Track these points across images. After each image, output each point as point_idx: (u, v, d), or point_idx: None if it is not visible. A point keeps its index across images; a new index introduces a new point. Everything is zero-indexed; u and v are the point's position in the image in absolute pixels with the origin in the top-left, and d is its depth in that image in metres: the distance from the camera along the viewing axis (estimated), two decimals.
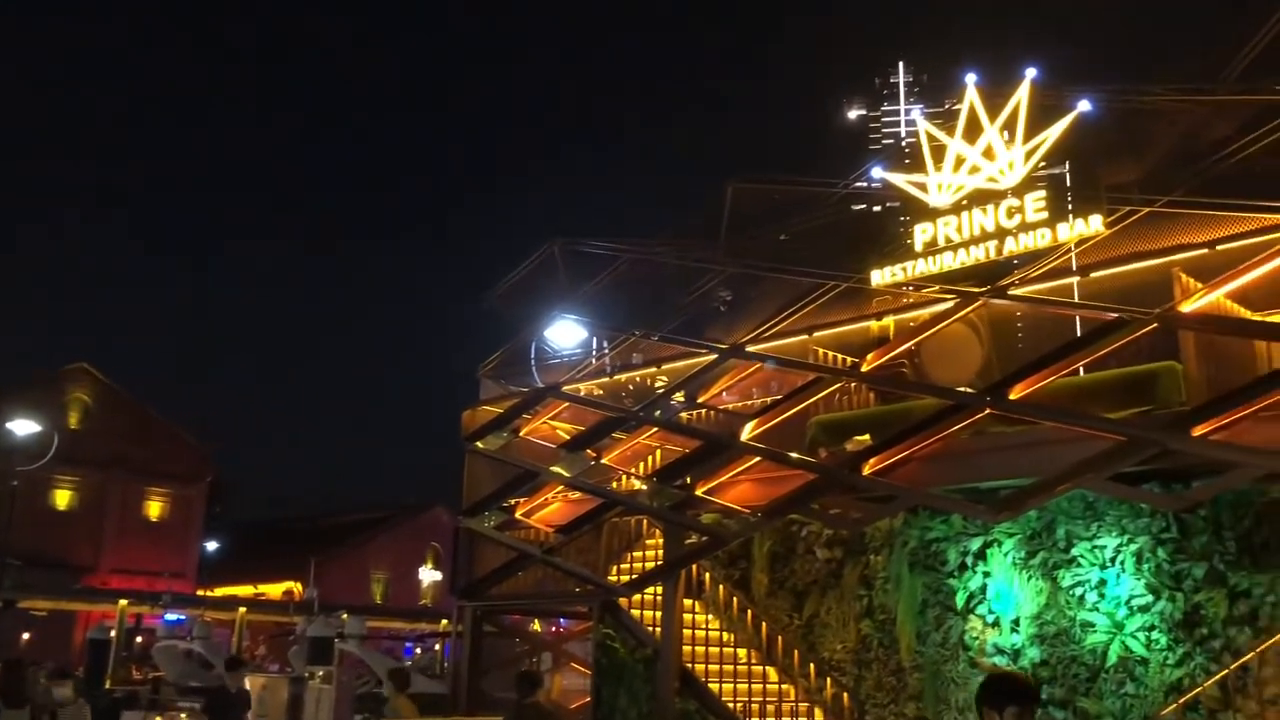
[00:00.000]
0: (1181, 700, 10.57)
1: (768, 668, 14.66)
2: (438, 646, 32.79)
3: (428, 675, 23.21)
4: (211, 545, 54.65)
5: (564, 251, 17.43)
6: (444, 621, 32.49)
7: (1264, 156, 10.62)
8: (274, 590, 52.14)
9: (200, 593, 44.84)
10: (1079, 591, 11.93)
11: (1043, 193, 11.46)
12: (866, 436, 12.37)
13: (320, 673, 16.37)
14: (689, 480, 13.06)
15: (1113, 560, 11.73)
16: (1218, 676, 10.51)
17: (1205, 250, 11.31)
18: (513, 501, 15.43)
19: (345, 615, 24.59)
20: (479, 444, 15.96)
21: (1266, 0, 11.15)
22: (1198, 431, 9.11)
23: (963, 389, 11.02)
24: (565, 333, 17.87)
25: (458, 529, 17.01)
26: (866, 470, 11.16)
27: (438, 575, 57.34)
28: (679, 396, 15.04)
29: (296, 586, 50.52)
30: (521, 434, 15.76)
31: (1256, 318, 10.77)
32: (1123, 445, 9.49)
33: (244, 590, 49.26)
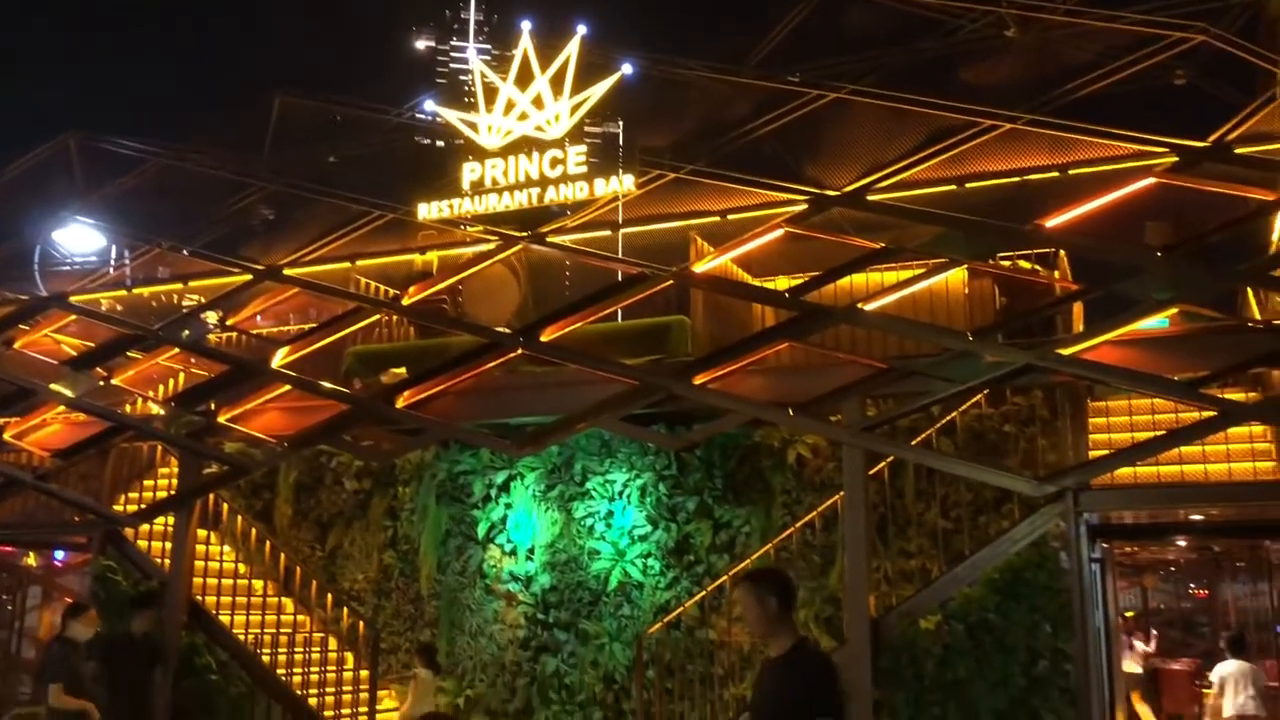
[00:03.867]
0: (666, 619, 11.80)
1: (284, 599, 14.34)
2: None
3: None
4: None
5: (82, 147, 15.58)
6: None
7: (771, 139, 11.97)
8: None
9: None
10: (589, 522, 12.87)
11: (584, 147, 12.06)
12: (403, 370, 12.39)
13: None
14: (213, 406, 12.32)
15: (620, 494, 12.77)
16: (697, 598, 11.85)
17: (719, 218, 12.53)
18: (1, 421, 13.71)
19: None
20: None
21: None
22: (699, 380, 10.06)
23: (500, 329, 11.37)
24: (79, 237, 16.04)
25: None
26: (400, 403, 11.14)
27: None
28: (209, 317, 14.09)
29: None
30: (16, 346, 13.98)
31: (756, 282, 12.13)
32: (635, 389, 10.28)
33: None
